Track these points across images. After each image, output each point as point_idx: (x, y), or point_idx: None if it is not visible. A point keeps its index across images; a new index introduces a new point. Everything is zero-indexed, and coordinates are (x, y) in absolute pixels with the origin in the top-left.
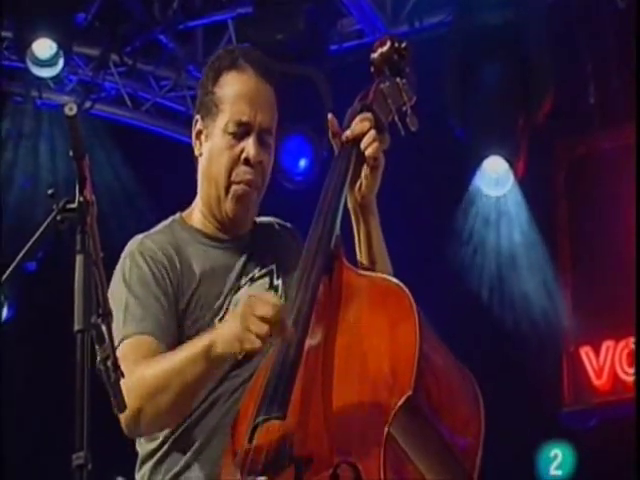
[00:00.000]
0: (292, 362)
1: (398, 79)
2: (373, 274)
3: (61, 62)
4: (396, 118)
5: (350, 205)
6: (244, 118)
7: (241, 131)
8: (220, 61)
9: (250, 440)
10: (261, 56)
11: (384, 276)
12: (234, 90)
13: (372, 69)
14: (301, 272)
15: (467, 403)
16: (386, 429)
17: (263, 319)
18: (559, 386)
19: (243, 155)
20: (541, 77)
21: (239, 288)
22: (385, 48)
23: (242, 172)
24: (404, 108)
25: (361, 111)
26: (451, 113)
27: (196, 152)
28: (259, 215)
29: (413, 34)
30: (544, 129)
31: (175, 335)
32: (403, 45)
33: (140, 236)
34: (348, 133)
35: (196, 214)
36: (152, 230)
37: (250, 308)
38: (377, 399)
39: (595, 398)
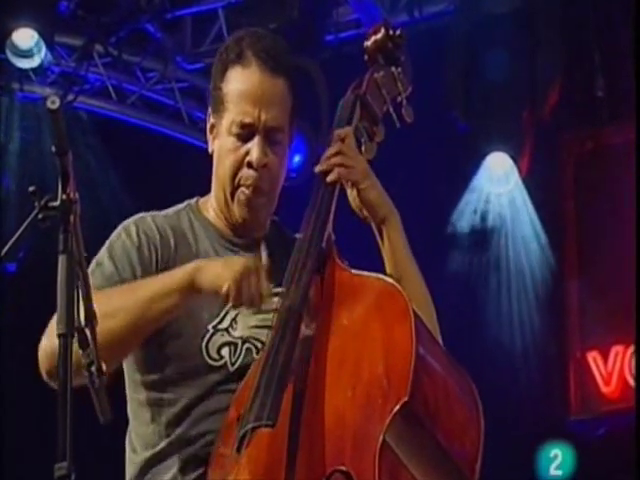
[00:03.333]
0: (282, 366)
1: (393, 68)
2: (367, 273)
3: (43, 53)
4: (391, 109)
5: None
6: (247, 119)
7: (245, 133)
8: (227, 53)
9: (238, 449)
10: (271, 44)
11: (379, 275)
12: (238, 88)
13: (366, 58)
14: (291, 272)
15: (465, 407)
16: (381, 437)
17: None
18: (565, 393)
19: (247, 158)
20: (547, 69)
21: None
22: (379, 36)
23: (245, 176)
24: (399, 98)
25: (354, 102)
26: (453, 107)
27: (209, 149)
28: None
29: (413, 24)
30: (550, 124)
31: None
32: (398, 33)
33: (144, 213)
34: (318, 168)
35: (210, 209)
36: (161, 211)
37: (238, 265)
38: (371, 406)
39: (603, 406)
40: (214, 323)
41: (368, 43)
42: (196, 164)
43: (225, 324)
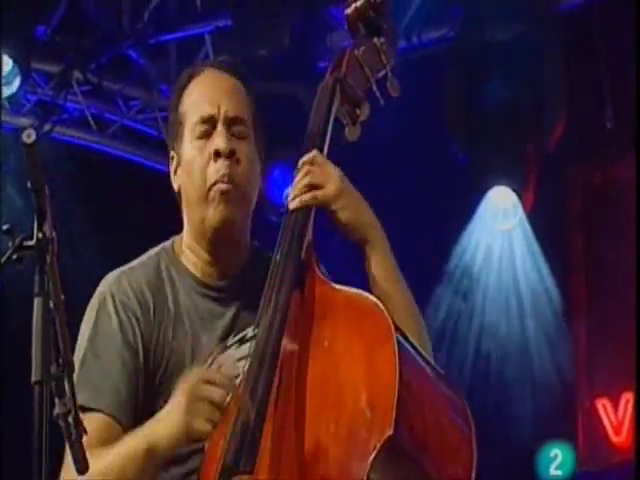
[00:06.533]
0: (259, 404)
1: (375, 39)
2: (349, 289)
3: (18, 80)
4: (374, 87)
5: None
6: (205, 113)
7: (208, 127)
8: (180, 79)
9: None
10: (225, 59)
11: (361, 292)
12: (194, 96)
13: (346, 27)
14: (269, 290)
15: (457, 428)
16: (365, 478)
17: (212, 402)
18: (574, 443)
19: (213, 149)
20: (552, 98)
21: (225, 348)
22: (359, 3)
23: (215, 169)
24: (383, 72)
25: (333, 87)
26: (452, 138)
27: (175, 189)
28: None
29: (411, 50)
30: (556, 156)
31: (135, 405)
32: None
33: (118, 271)
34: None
35: (185, 249)
36: (136, 261)
37: (194, 394)
38: (355, 440)
39: (613, 457)
40: None
41: (348, 11)
42: None
43: None
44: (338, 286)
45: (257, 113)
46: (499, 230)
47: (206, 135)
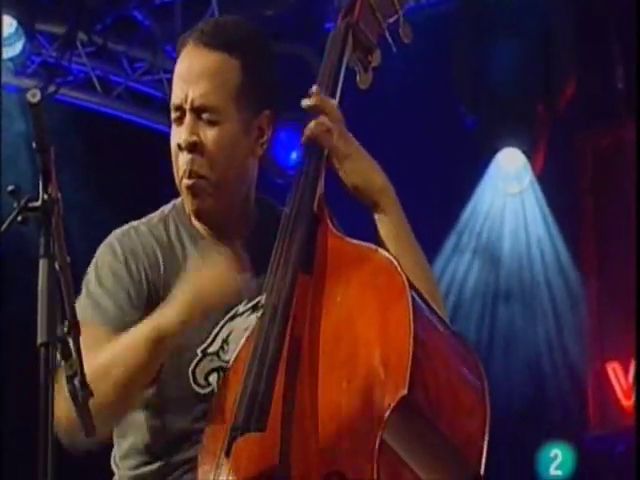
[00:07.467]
0: (271, 360)
1: None
2: (363, 243)
3: (22, 41)
4: (386, 33)
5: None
6: (175, 100)
7: (179, 116)
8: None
9: (227, 454)
10: (216, 23)
11: (375, 247)
12: (174, 76)
13: None
14: (280, 244)
15: (470, 387)
16: (378, 438)
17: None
18: (584, 407)
19: (176, 142)
20: (563, 59)
21: (235, 316)
22: None
23: (180, 163)
24: (395, 16)
25: (346, 32)
26: (460, 99)
27: None
28: None
29: (419, 10)
30: (566, 117)
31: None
32: None
33: (127, 226)
34: (303, 139)
35: None
36: (145, 218)
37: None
38: (368, 399)
39: (624, 420)
40: (203, 347)
41: None
42: None
43: (215, 347)
44: (352, 240)
45: (253, 80)
46: (510, 192)
47: (179, 121)
